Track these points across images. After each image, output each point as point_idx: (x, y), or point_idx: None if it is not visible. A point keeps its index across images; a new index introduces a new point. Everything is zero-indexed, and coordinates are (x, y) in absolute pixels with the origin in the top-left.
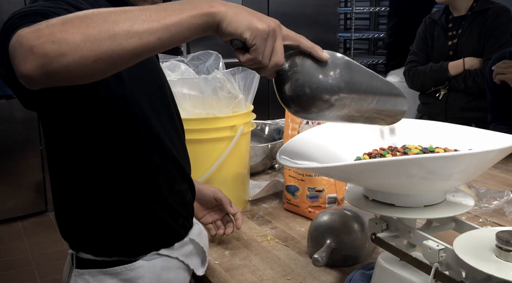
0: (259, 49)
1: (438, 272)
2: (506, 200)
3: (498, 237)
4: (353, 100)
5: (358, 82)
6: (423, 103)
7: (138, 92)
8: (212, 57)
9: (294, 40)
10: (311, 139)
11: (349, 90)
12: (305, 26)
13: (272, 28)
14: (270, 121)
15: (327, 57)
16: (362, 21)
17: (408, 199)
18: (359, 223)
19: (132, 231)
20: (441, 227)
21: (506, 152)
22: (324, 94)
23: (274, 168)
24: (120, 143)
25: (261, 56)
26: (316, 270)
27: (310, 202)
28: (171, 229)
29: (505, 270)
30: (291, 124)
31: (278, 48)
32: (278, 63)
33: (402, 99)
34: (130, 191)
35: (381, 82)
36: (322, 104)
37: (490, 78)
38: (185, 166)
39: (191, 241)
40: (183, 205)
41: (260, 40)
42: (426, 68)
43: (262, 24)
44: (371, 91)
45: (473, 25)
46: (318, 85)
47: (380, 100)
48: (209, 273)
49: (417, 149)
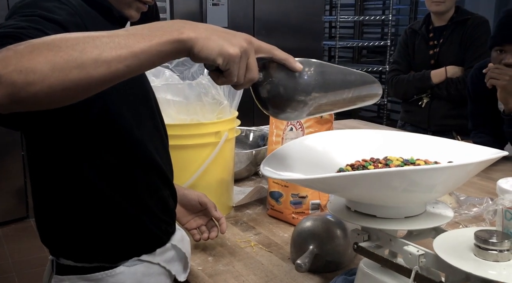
0: (233, 72)
1: (418, 274)
2: (485, 206)
3: (477, 236)
4: (329, 99)
5: (333, 82)
6: (405, 111)
7: (119, 99)
8: (197, 64)
9: (267, 52)
10: (294, 151)
11: (324, 91)
12: (290, 34)
13: (244, 49)
14: (254, 128)
15: (300, 68)
16: (346, 30)
17: (389, 211)
18: (342, 229)
19: (112, 237)
20: (421, 236)
21: (485, 164)
22: (300, 98)
23: (258, 174)
24: (100, 149)
25: (236, 78)
26: (299, 276)
27: (294, 208)
28: (153, 234)
29: (483, 268)
30: (276, 131)
31: (251, 65)
32: (252, 79)
33: (377, 85)
34: (110, 197)
35: (355, 76)
36: (301, 107)
37: (472, 87)
38: (168, 172)
39: (173, 246)
40: (165, 211)
41: (233, 64)
42: (409, 77)
43: (233, 48)
44: (346, 86)
45: (454, 34)
46: (294, 92)
47: (355, 91)
48: (192, 279)
49: (399, 161)
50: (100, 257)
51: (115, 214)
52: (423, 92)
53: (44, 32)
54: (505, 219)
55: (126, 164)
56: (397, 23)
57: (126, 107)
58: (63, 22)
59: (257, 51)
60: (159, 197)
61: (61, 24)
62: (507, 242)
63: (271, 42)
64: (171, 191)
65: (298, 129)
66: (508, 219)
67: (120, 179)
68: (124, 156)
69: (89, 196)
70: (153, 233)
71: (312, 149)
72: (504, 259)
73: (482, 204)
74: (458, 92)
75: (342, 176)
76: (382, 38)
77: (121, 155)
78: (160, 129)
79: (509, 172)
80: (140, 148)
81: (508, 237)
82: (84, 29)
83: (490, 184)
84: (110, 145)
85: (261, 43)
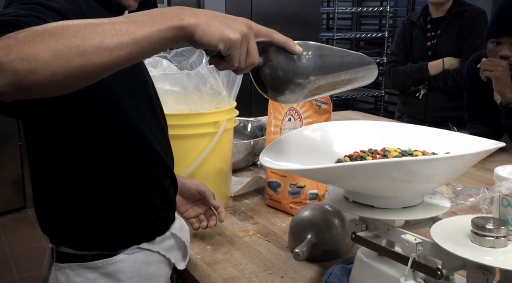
0: (235, 57)
1: (416, 262)
2: (482, 197)
3: (474, 222)
4: (328, 80)
5: (331, 64)
6: (403, 102)
7: (119, 88)
8: (196, 54)
9: (267, 36)
10: (293, 142)
11: (323, 73)
12: (288, 26)
13: (244, 34)
14: (252, 119)
15: (299, 51)
16: (344, 21)
17: (387, 201)
18: (340, 219)
19: (112, 225)
20: (418, 225)
21: (482, 155)
22: (299, 80)
23: (256, 164)
24: (100, 138)
25: (237, 62)
26: (297, 264)
27: (292, 198)
28: (153, 223)
29: (480, 254)
30: (274, 121)
31: (252, 50)
32: (253, 63)
33: (373, 66)
34: (110, 186)
35: (351, 57)
36: (300, 89)
37: (468, 79)
38: (168, 161)
39: (173, 235)
40: (166, 200)
41: (234, 49)
42: (406, 68)
43: (234, 33)
44: (344, 68)
45: (451, 26)
46: (294, 75)
47: (353, 72)
48: (190, 267)
49: (397, 152)
50: (100, 245)
51: (115, 202)
52: (420, 83)
53: (43, 20)
54: (501, 206)
55: (126, 152)
56: (395, 15)
57: (126, 96)
58: (62, 10)
59: (257, 35)
60: (159, 186)
61: (60, 12)
62: (503, 228)
63: None
64: (172, 179)
65: (297, 120)
66: (504, 205)
67: (120, 168)
68: (124, 144)
69: (89, 185)
70: (153, 222)
71: (311, 140)
72: (500, 245)
73: (478, 194)
74: (455, 84)
75: (340, 167)
76: (379, 29)
77: (121, 143)
78: (160, 118)
79: (505, 163)
80: (140, 137)
81: (505, 224)
82: (83, 17)
83: (486, 175)
84: (110, 133)
85: (260, 27)
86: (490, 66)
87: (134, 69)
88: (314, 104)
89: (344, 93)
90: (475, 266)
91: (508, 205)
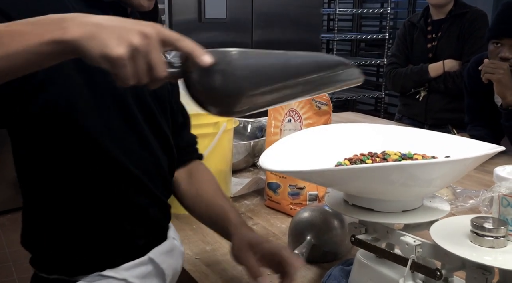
0: (124, 76)
1: (415, 263)
2: (481, 199)
3: (473, 222)
4: (264, 92)
5: (260, 74)
6: (403, 104)
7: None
8: None
9: (171, 45)
10: (293, 145)
11: (257, 84)
12: (289, 27)
13: (135, 47)
14: (253, 120)
15: (207, 62)
16: (345, 23)
17: (387, 204)
18: (339, 220)
19: (70, 248)
20: (417, 228)
21: (482, 159)
22: (220, 95)
23: (256, 165)
24: (60, 154)
25: (132, 80)
26: None
27: (291, 199)
28: (119, 247)
29: (479, 254)
30: (274, 122)
31: (153, 63)
32: (158, 78)
33: (345, 68)
34: (69, 203)
35: (302, 61)
36: (227, 106)
37: (468, 81)
38: (145, 178)
39: (150, 260)
40: (142, 222)
41: (120, 67)
42: (406, 70)
43: (118, 48)
44: (289, 76)
45: (452, 28)
46: (211, 90)
47: (311, 78)
48: (189, 268)
49: (396, 155)
50: (58, 269)
51: (75, 222)
52: (421, 85)
53: None
54: (501, 206)
55: (88, 170)
56: (396, 16)
57: (93, 111)
58: None
59: (165, 44)
60: (132, 206)
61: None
62: (503, 228)
63: (269, 35)
64: (154, 199)
65: (297, 121)
66: (504, 205)
67: (80, 183)
68: (86, 161)
69: (47, 200)
70: (120, 246)
71: (311, 143)
72: (500, 245)
73: (478, 196)
74: (455, 86)
75: (340, 170)
76: (380, 31)
77: (83, 160)
78: (144, 131)
79: (505, 165)
80: (104, 153)
81: (504, 224)
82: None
83: (486, 177)
84: (69, 148)
85: (166, 35)
86: (491, 69)
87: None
88: (314, 105)
89: (344, 94)
90: (475, 266)
91: (508, 205)
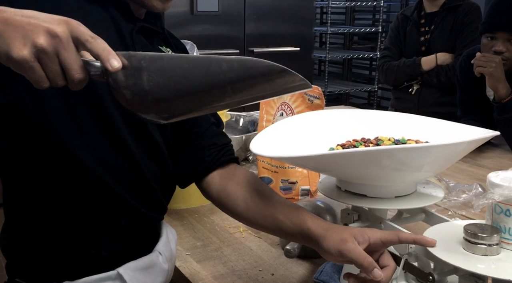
0: (33, 78)
1: (408, 263)
2: (474, 193)
3: (466, 230)
4: (185, 99)
5: (173, 81)
6: (396, 98)
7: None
8: (187, 47)
9: (82, 45)
10: (285, 130)
11: (168, 92)
12: (281, 20)
13: (40, 48)
14: (244, 113)
15: (115, 68)
16: (338, 16)
17: (379, 190)
18: (332, 215)
19: (39, 254)
20: (411, 218)
21: (475, 144)
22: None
23: (248, 159)
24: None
25: (44, 82)
26: (288, 262)
27: (284, 193)
28: (81, 259)
29: (472, 262)
30: (266, 116)
31: (66, 64)
32: (74, 80)
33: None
34: (40, 206)
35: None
36: (146, 111)
37: (460, 74)
38: (119, 187)
39: (119, 276)
40: (112, 233)
41: (26, 70)
42: (399, 63)
43: (20, 50)
44: (212, 83)
45: (445, 21)
46: (126, 95)
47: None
48: (180, 265)
49: (390, 141)
50: (19, 274)
51: (45, 226)
52: (414, 79)
53: None
54: (494, 213)
55: (51, 169)
56: (389, 9)
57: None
58: None
59: (76, 43)
60: (100, 216)
61: None
62: (496, 236)
63: (262, 28)
64: (128, 210)
65: (289, 114)
66: (497, 213)
67: (47, 185)
68: (46, 160)
69: (19, 200)
70: (81, 258)
71: (303, 129)
72: (493, 253)
73: (471, 191)
74: (448, 80)
75: (332, 154)
76: (373, 24)
77: (43, 158)
78: (118, 135)
79: (497, 159)
80: (66, 152)
81: (497, 231)
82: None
83: (479, 171)
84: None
85: (78, 33)
86: (484, 62)
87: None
88: (306, 99)
89: (336, 88)
90: (467, 273)
91: (501, 212)
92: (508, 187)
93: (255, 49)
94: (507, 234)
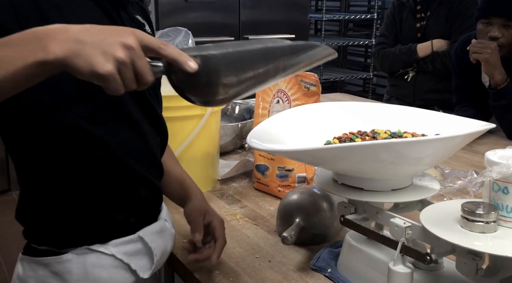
0: (113, 88)
1: (405, 246)
2: (470, 179)
3: (464, 207)
4: (246, 82)
5: (245, 70)
6: (391, 85)
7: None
8: (182, 34)
9: (155, 53)
10: (281, 123)
11: (236, 79)
12: (276, 7)
13: (121, 61)
14: (240, 101)
15: (193, 69)
16: (333, 2)
17: (376, 183)
18: (328, 202)
19: (60, 220)
20: (407, 208)
21: (472, 137)
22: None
23: (244, 147)
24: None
25: (121, 90)
26: (285, 248)
27: (280, 181)
28: (109, 223)
29: (470, 239)
30: (262, 103)
31: (140, 71)
32: (146, 83)
33: (318, 48)
34: (61, 180)
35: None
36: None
37: (456, 61)
38: (137, 165)
39: (140, 239)
40: (135, 201)
41: (109, 82)
42: (395, 50)
43: (105, 65)
44: (268, 68)
45: (441, 7)
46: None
47: (287, 62)
48: (176, 252)
49: (386, 134)
50: (48, 241)
51: (66, 196)
52: (409, 66)
53: None
54: (492, 191)
55: (72, 148)
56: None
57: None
58: None
59: (146, 50)
60: (125, 188)
61: None
62: (493, 213)
63: (257, 16)
64: (144, 181)
65: (285, 102)
66: (495, 190)
67: (68, 162)
68: (67, 139)
69: (36, 174)
70: (109, 222)
71: (299, 122)
72: (490, 230)
73: (466, 177)
74: (443, 66)
75: (328, 148)
76: (369, 11)
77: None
78: (130, 113)
79: (493, 145)
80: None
81: (495, 209)
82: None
83: (474, 157)
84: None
85: (148, 42)
86: (479, 48)
87: None
88: (303, 86)
89: (332, 75)
90: (465, 251)
91: (499, 189)
92: (506, 165)
93: (250, 37)
94: (504, 211)
